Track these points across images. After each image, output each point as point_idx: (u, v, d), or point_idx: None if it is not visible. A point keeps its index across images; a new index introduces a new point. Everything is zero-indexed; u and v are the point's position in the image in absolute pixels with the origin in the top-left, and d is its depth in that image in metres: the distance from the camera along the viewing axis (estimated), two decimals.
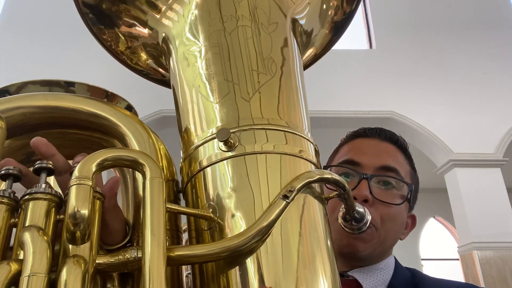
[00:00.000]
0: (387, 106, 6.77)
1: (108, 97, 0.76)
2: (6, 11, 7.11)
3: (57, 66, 6.31)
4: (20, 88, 0.69)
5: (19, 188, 0.48)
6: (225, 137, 0.50)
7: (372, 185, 0.88)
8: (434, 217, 10.06)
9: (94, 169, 0.44)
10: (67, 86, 0.73)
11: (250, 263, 0.46)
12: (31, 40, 6.75)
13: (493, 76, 7.10)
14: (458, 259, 7.02)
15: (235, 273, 0.46)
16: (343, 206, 0.58)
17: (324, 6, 0.72)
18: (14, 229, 0.45)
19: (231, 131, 0.51)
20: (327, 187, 0.57)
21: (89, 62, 5.44)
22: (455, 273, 8.63)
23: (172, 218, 0.53)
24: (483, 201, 6.10)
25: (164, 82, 0.79)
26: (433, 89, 6.90)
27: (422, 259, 9.77)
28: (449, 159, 6.47)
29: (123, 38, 0.71)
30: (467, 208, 6.09)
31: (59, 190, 0.53)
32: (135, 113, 0.80)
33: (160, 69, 0.77)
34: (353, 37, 7.64)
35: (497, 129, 6.69)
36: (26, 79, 0.71)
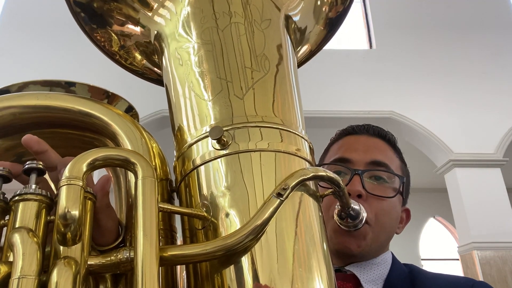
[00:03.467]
0: (387, 106, 6.76)
1: (109, 98, 0.75)
2: (6, 11, 7.11)
3: (57, 66, 6.31)
4: (21, 88, 0.68)
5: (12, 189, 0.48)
6: (218, 135, 0.49)
7: (365, 180, 0.88)
8: (434, 217, 10.04)
9: (84, 169, 0.43)
10: (68, 86, 0.72)
11: (245, 262, 0.45)
12: (31, 40, 6.75)
13: (493, 76, 7.08)
14: (458, 259, 7.00)
15: (229, 272, 0.46)
16: (338, 203, 0.58)
17: (318, 2, 0.71)
18: (3, 230, 0.45)
19: (224, 129, 0.50)
20: (321, 186, 0.56)
21: (89, 62, 5.43)
22: (455, 273, 8.60)
23: (166, 218, 0.53)
24: (483, 201, 6.09)
25: (160, 81, 0.78)
26: (433, 89, 6.89)
27: (422, 259, 9.75)
28: (449, 159, 6.46)
29: (115, 37, 0.70)
30: (467, 208, 6.08)
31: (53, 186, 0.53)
32: (136, 114, 0.79)
33: (155, 69, 0.76)
34: (353, 37, 7.63)
35: (497, 129, 6.68)
36: (26, 79, 0.71)
